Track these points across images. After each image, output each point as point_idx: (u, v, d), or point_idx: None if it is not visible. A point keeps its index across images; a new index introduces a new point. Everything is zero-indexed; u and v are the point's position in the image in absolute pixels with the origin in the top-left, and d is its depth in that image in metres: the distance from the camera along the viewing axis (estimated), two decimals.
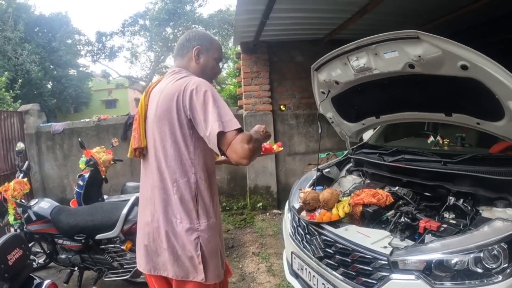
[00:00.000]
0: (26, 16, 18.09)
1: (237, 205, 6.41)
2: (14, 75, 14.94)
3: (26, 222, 3.73)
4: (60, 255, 3.76)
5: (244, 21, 4.86)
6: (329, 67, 2.72)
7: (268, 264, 4.10)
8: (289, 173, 6.26)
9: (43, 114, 7.21)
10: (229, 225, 5.59)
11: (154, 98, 1.73)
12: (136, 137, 1.77)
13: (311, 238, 2.43)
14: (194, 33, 1.88)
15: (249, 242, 4.81)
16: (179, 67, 1.82)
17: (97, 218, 3.43)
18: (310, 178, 3.35)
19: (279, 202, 6.18)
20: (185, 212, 1.66)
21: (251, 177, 6.18)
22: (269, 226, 5.35)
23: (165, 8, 20.09)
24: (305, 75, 5.61)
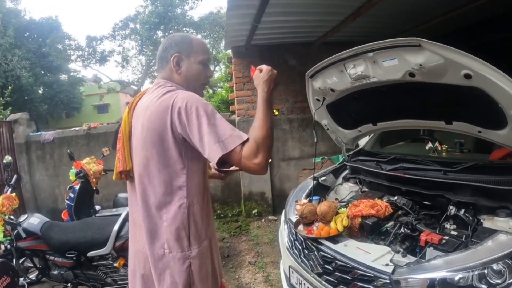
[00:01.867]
0: (16, 21, 17.87)
1: (231, 212, 6.32)
2: (4, 82, 14.78)
3: (16, 239, 3.59)
4: (53, 271, 3.65)
5: (235, 25, 4.79)
6: (325, 74, 2.64)
7: (265, 274, 4.02)
8: (283, 178, 6.19)
9: (32, 123, 7.09)
10: (224, 233, 5.51)
11: (139, 116, 1.56)
12: (120, 159, 1.61)
13: (309, 253, 2.35)
14: (170, 39, 1.67)
15: (245, 251, 4.73)
16: (164, 79, 1.63)
17: (89, 234, 3.33)
18: (306, 188, 3.26)
19: (274, 208, 6.11)
20: (176, 240, 1.52)
21: (245, 184, 6.10)
22: (264, 233, 5.28)
23: (155, 11, 20.04)
24: (298, 79, 5.56)
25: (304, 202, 2.73)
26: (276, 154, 6.13)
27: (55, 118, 22.90)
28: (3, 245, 3.65)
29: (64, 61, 21.66)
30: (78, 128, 6.82)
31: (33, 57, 17.99)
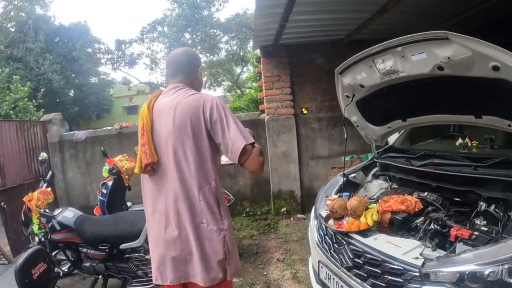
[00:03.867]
0: (46, 27, 18.40)
1: (260, 210, 6.36)
2: (37, 85, 15.23)
3: (50, 231, 3.75)
4: (85, 263, 3.77)
5: (263, 25, 4.82)
6: (354, 70, 2.66)
7: (293, 271, 4.04)
8: (312, 177, 6.19)
9: (65, 122, 7.32)
10: (253, 230, 5.56)
11: (166, 112, 1.82)
12: (147, 153, 1.82)
13: (339, 247, 2.36)
14: (193, 53, 2.10)
15: (273, 248, 4.76)
16: (182, 84, 1.93)
17: (121, 227, 3.42)
18: (336, 184, 3.27)
19: (303, 207, 6.11)
20: (211, 216, 1.81)
21: (275, 182, 6.13)
22: (293, 231, 5.29)
23: (182, 14, 20.18)
24: (326, 77, 5.56)
25: (335, 197, 2.75)
26: (305, 152, 6.15)
27: (86, 119, 23.45)
28: (38, 237, 3.82)
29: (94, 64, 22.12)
30: (110, 127, 7.00)
31: (63, 61, 18.49)
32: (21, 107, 10.94)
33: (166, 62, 2.08)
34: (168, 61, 2.03)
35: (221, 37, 21.97)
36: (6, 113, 10.33)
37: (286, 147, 6.05)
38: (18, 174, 5.91)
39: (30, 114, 11.04)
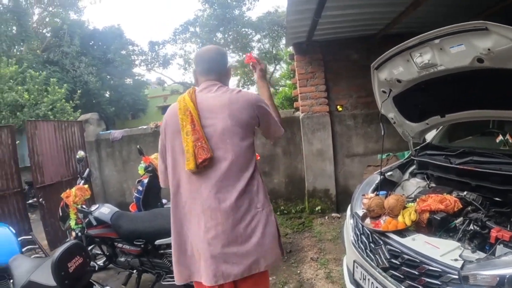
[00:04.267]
0: (81, 31, 18.96)
1: (295, 208, 6.31)
2: (73, 87, 15.71)
3: (87, 226, 3.88)
4: (120, 258, 3.87)
5: (295, 21, 4.78)
6: (391, 65, 2.57)
7: (327, 270, 3.98)
8: (348, 175, 6.08)
9: (102, 122, 7.58)
10: (287, 229, 5.52)
11: (219, 108, 1.86)
12: (204, 147, 1.80)
13: (376, 247, 2.29)
14: (224, 51, 2.18)
15: (307, 247, 4.71)
16: (216, 81, 1.99)
17: (157, 224, 3.47)
18: (373, 182, 3.17)
19: (338, 206, 6.02)
20: (264, 199, 1.92)
21: (309, 180, 6.07)
22: (327, 230, 5.22)
23: (214, 14, 20.30)
24: (361, 73, 5.41)
25: (371, 195, 2.67)
26: (341, 150, 6.05)
27: (122, 119, 23.96)
28: (75, 232, 3.96)
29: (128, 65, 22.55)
30: (146, 126, 7.16)
31: (99, 63, 18.98)
32: (59, 108, 11.41)
33: (196, 59, 2.10)
34: (200, 58, 2.06)
35: (253, 35, 21.96)
36: (45, 114, 10.75)
37: (321, 145, 5.97)
38: (56, 171, 6.15)
39: (67, 115, 11.53)
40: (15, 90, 10.85)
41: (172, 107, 2.02)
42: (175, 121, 1.91)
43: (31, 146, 5.65)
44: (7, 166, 5.72)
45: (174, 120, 1.92)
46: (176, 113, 1.91)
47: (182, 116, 1.87)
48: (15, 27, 16.05)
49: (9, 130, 5.85)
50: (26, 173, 8.22)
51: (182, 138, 1.85)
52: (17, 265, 2.68)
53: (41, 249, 3.29)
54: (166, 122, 1.99)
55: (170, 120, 1.97)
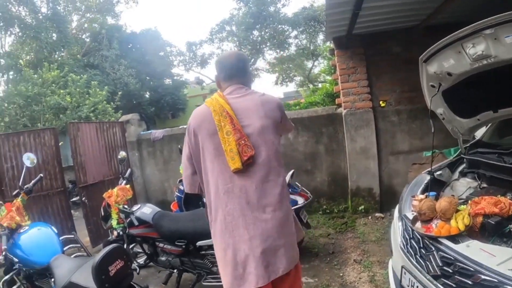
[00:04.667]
0: (119, 35, 19.76)
1: (338, 208, 6.15)
2: (114, 89, 16.23)
3: (129, 226, 3.93)
4: (160, 257, 3.90)
5: (335, 15, 4.64)
6: (440, 57, 2.39)
7: (370, 273, 3.83)
8: (392, 173, 5.84)
9: (143, 122, 7.75)
10: (330, 229, 5.40)
11: (253, 109, 1.94)
12: (248, 145, 1.86)
13: (427, 253, 2.13)
14: (245, 56, 2.33)
15: (350, 248, 4.57)
16: (243, 85, 2.07)
17: (198, 225, 3.45)
18: (422, 183, 3.00)
19: (381, 205, 5.80)
20: (289, 199, 2.06)
21: (353, 179, 5.90)
22: (371, 231, 5.04)
23: (249, 12, 20.43)
24: (404, 67, 5.25)
25: (422, 197, 2.51)
26: (385, 148, 5.82)
27: (162, 119, 24.58)
28: (116, 232, 4.01)
29: (167, 66, 23.30)
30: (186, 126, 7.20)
31: (138, 66, 19.60)
32: (100, 109, 11.76)
33: (218, 66, 2.14)
34: (222, 65, 2.11)
35: (290, 32, 21.95)
36: (87, 115, 11.13)
37: (364, 142, 5.78)
38: (99, 171, 6.34)
39: (109, 116, 11.86)
40: (58, 93, 11.30)
41: (201, 110, 2.04)
42: (210, 123, 1.92)
43: (74, 147, 5.84)
44: (51, 167, 5.96)
45: (208, 122, 1.93)
46: (210, 115, 1.93)
47: (219, 118, 1.89)
48: (55, 34, 16.83)
49: (52, 132, 6.09)
50: (70, 172, 8.57)
51: (221, 139, 1.87)
52: (58, 265, 2.74)
53: (83, 248, 3.36)
54: (198, 125, 1.99)
55: (203, 122, 1.97)
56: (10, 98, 11.33)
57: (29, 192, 3.61)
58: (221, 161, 1.89)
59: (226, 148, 1.85)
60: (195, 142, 2.00)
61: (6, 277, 3.16)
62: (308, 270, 4.11)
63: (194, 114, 2.07)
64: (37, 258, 2.95)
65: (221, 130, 1.88)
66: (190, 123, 2.04)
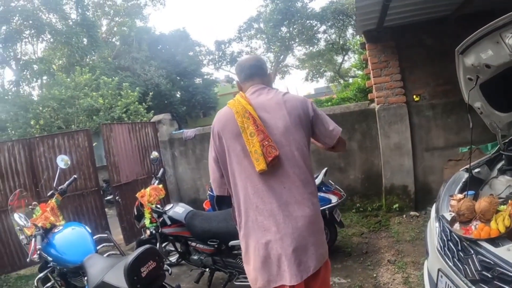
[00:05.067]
0: (148, 37, 20.17)
1: (371, 206, 6.01)
2: (145, 89, 16.47)
3: (161, 225, 3.99)
4: (193, 256, 3.94)
5: (365, 7, 4.52)
6: (478, 48, 2.26)
7: (404, 275, 3.70)
8: (427, 170, 5.62)
9: (174, 122, 7.84)
10: (363, 228, 5.28)
11: (275, 108, 1.92)
12: (272, 145, 1.83)
13: (465, 256, 2.02)
14: (262, 59, 2.32)
15: (384, 248, 4.45)
16: (264, 84, 2.07)
17: (231, 224, 3.44)
18: (459, 181, 2.85)
19: (416, 203, 5.61)
20: (317, 197, 2.01)
21: (387, 176, 5.73)
22: (406, 230, 4.88)
23: (276, 8, 20.37)
24: (437, 59, 5.08)
25: (460, 197, 2.38)
26: (419, 144, 5.62)
27: (193, 117, 24.73)
28: (149, 231, 4.09)
29: (197, 66, 23.52)
30: None
31: (168, 66, 19.93)
32: (132, 110, 12.01)
33: (237, 69, 2.16)
34: (241, 67, 2.13)
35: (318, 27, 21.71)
36: (119, 116, 11.39)
37: (398, 138, 5.60)
38: (132, 171, 6.47)
39: (141, 116, 12.09)
40: (90, 96, 11.61)
41: (224, 112, 2.04)
42: (233, 125, 1.92)
43: (107, 148, 5.99)
44: (85, 167, 6.15)
45: (232, 124, 1.93)
46: (232, 117, 1.93)
47: (242, 119, 1.89)
48: (85, 38, 17.28)
49: (85, 134, 6.28)
50: (104, 171, 8.81)
51: (245, 140, 1.87)
52: (91, 264, 2.79)
53: (117, 247, 3.42)
54: (223, 127, 1.98)
55: (226, 124, 1.96)
56: (45, 101, 11.71)
57: (63, 193, 3.69)
58: (248, 162, 1.88)
59: (250, 150, 1.84)
60: (220, 144, 2.00)
61: (40, 275, 3.25)
62: (340, 270, 4.03)
63: (218, 117, 2.06)
64: (70, 257, 3.01)
65: (244, 131, 1.87)
66: (214, 126, 2.04)
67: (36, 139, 6.08)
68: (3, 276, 5.45)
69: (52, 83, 13.86)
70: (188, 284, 4.25)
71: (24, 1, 16.37)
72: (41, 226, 3.11)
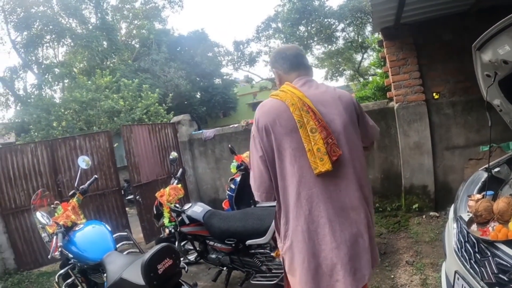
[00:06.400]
0: (167, 39, 20.40)
1: (390, 206, 5.91)
2: (165, 91, 16.71)
3: (180, 224, 4.06)
4: (211, 255, 3.99)
5: (380, 4, 4.43)
6: (495, 43, 2.19)
7: (422, 276, 3.63)
8: (447, 170, 5.48)
9: (194, 123, 7.94)
10: (382, 228, 5.20)
11: (331, 103, 1.77)
12: (336, 144, 1.68)
13: (482, 258, 1.96)
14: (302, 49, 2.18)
15: (402, 249, 4.37)
16: (309, 76, 1.91)
17: (249, 224, 3.49)
18: (478, 181, 2.78)
19: (436, 203, 5.48)
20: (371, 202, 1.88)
21: (406, 176, 5.62)
22: (425, 231, 4.78)
23: (293, 7, 20.29)
24: (456, 56, 4.93)
25: (478, 197, 2.32)
26: (439, 142, 5.49)
27: (213, 118, 24.96)
28: (168, 229, 4.18)
29: (216, 66, 23.67)
30: (237, 124, 7.29)
31: (187, 67, 20.11)
32: (153, 111, 12.15)
33: (277, 58, 1.95)
34: (283, 56, 1.92)
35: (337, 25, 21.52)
36: (140, 117, 11.54)
37: (418, 137, 5.48)
38: (152, 171, 6.58)
39: (161, 117, 12.24)
40: (111, 98, 11.80)
41: (272, 104, 1.80)
42: (288, 119, 1.71)
43: (128, 148, 6.08)
44: (106, 168, 6.30)
45: (286, 118, 1.71)
46: (286, 109, 1.72)
47: (300, 112, 1.69)
48: (105, 42, 17.73)
49: (106, 135, 6.44)
50: (124, 171, 8.96)
51: (303, 137, 1.68)
52: (111, 261, 2.85)
53: (136, 245, 3.48)
54: (272, 122, 1.73)
55: (278, 118, 1.73)
56: (66, 104, 11.99)
57: (84, 192, 3.78)
58: (303, 162, 1.68)
59: (311, 148, 1.65)
60: (268, 141, 1.74)
61: (61, 271, 3.33)
62: None
63: (264, 109, 1.80)
64: (90, 254, 3.08)
65: (303, 127, 1.67)
66: (260, 119, 1.77)
67: (58, 141, 6.27)
68: (25, 272, 5.63)
69: (73, 86, 14.16)
70: (206, 283, 4.30)
71: (44, 7, 16.83)
72: (62, 224, 3.21)
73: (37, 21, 16.31)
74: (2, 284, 5.27)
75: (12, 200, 5.72)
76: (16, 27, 16.58)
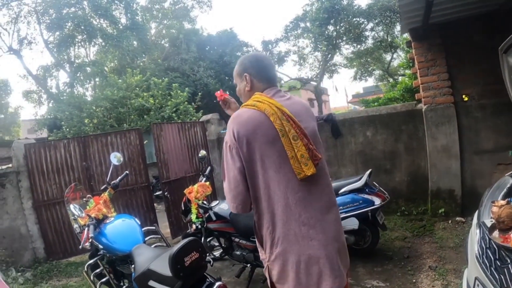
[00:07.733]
0: (196, 39, 20.58)
1: (416, 210, 5.81)
2: (194, 89, 16.85)
3: (207, 220, 4.15)
4: (235, 251, 4.07)
5: (409, 5, 4.40)
6: None
7: (444, 282, 3.57)
8: (475, 174, 5.34)
9: (222, 122, 8.00)
10: (407, 232, 5.13)
11: (303, 114, 1.87)
12: (315, 149, 1.76)
13: (502, 265, 1.92)
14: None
15: (426, 254, 4.31)
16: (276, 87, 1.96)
17: None
18: (504, 186, 2.71)
19: (463, 209, 5.35)
20: None
21: (433, 179, 5.52)
22: (450, 236, 4.68)
23: (322, 7, 20.12)
24: (486, 57, 4.77)
25: (502, 203, 2.27)
26: (468, 146, 5.36)
27: None
28: (195, 225, 4.31)
29: None
30: None
31: (216, 66, 20.17)
32: (182, 110, 12.32)
33: (254, 64, 1.95)
34: (261, 64, 1.96)
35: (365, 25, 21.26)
36: (169, 116, 11.71)
37: (446, 140, 5.38)
38: (180, 168, 6.71)
39: (190, 116, 12.41)
40: (141, 96, 12.05)
41: (250, 114, 1.77)
42: (268, 129, 1.72)
43: (157, 146, 6.24)
44: (136, 164, 6.47)
45: (266, 127, 1.72)
46: (266, 119, 1.73)
47: (281, 122, 1.72)
48: (135, 41, 18.21)
49: (136, 132, 6.60)
50: (153, 168, 9.17)
51: (286, 145, 1.70)
52: (139, 253, 2.95)
53: (163, 239, 3.59)
54: (253, 131, 1.72)
55: (258, 128, 1.73)
56: (98, 102, 12.28)
57: (116, 187, 3.90)
58: (287, 169, 1.71)
59: (294, 155, 1.70)
60: (248, 151, 1.73)
61: (91, 261, 3.47)
62: (380, 274, 3.97)
63: (241, 120, 1.77)
64: (120, 246, 3.20)
65: (285, 135, 1.70)
66: (239, 130, 1.73)
67: (90, 137, 6.49)
68: (54, 261, 5.86)
69: (104, 84, 14.57)
70: (229, 278, 4.37)
71: (76, 8, 17.41)
72: (94, 217, 3.34)
73: (69, 22, 16.92)
74: (32, 271, 5.50)
75: (45, 193, 5.97)
76: (49, 28, 17.26)
